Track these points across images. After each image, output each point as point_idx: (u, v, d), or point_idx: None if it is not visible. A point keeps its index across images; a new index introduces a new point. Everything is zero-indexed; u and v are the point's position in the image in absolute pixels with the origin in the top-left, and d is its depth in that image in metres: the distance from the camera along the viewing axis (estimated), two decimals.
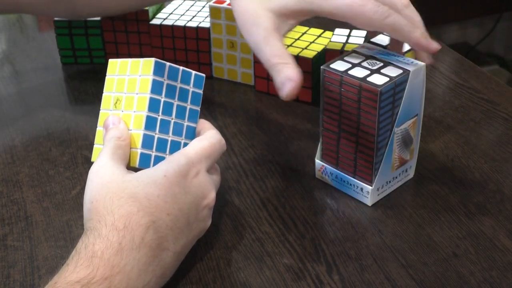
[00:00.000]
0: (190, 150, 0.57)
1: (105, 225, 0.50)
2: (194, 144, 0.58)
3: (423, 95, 0.63)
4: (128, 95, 0.59)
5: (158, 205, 0.52)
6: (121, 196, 0.52)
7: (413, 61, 0.61)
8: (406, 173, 0.66)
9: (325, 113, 0.63)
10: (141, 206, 0.51)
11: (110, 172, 0.54)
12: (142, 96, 0.58)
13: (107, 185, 0.53)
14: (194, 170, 0.56)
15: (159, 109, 0.58)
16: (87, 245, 0.49)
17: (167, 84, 0.59)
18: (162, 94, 0.58)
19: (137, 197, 0.52)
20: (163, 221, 0.52)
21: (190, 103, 0.61)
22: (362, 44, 0.65)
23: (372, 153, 0.61)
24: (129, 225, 0.50)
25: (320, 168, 0.67)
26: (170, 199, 0.53)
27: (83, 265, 0.48)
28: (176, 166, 0.55)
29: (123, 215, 0.51)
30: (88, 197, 0.53)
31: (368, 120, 0.60)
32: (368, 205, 0.64)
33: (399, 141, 0.62)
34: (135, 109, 0.58)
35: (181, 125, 0.60)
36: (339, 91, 0.61)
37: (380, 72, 0.60)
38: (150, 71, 0.57)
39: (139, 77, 0.58)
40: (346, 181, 0.64)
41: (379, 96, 0.58)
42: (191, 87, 0.61)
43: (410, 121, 0.63)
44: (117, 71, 0.60)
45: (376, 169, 0.62)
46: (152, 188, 0.53)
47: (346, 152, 0.63)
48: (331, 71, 0.61)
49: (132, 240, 0.50)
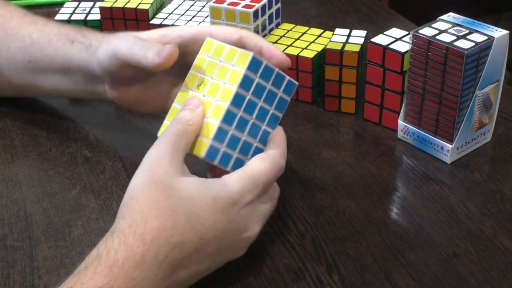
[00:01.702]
0: (248, 175, 0.53)
1: (134, 233, 0.48)
2: (254, 165, 0.54)
3: (505, 62, 0.67)
4: (215, 82, 0.56)
5: (194, 227, 0.50)
6: (162, 206, 0.49)
7: (498, 29, 0.65)
8: (484, 136, 0.70)
9: (410, 75, 0.69)
10: (176, 223, 0.49)
11: (164, 171, 0.51)
12: (228, 88, 0.55)
13: (154, 186, 0.50)
14: (246, 198, 0.53)
15: (242, 105, 0.55)
16: (110, 250, 0.48)
17: (257, 82, 0.56)
18: (250, 92, 0.55)
19: (177, 211, 0.50)
20: (193, 243, 0.50)
21: (275, 108, 0.58)
22: (448, 14, 0.70)
23: (454, 113, 0.65)
24: (157, 240, 0.48)
25: (403, 129, 0.71)
26: (209, 224, 0.51)
27: (102, 273, 0.46)
28: (230, 191, 0.52)
29: (155, 227, 0.49)
30: (132, 190, 0.51)
31: (452, 82, 0.64)
32: (447, 163, 0.68)
33: (480, 104, 0.67)
34: (218, 98, 0.55)
35: (259, 127, 0.57)
36: (426, 54, 0.66)
37: (466, 38, 0.65)
38: (245, 64, 0.55)
39: (232, 67, 0.55)
40: (427, 140, 0.69)
41: (464, 59, 0.62)
42: (280, 92, 0.58)
43: (491, 86, 0.67)
44: (211, 53, 0.57)
45: (457, 129, 0.66)
46: (195, 207, 0.50)
47: (429, 112, 0.68)
48: (420, 35, 0.66)
49: (155, 256, 0.48)
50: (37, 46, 0.71)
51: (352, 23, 1.00)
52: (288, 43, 0.80)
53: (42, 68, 0.72)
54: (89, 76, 0.68)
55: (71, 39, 0.69)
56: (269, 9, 0.82)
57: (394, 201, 0.65)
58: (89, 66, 0.67)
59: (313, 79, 0.79)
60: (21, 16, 0.75)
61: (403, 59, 0.70)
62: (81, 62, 0.68)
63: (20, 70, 0.73)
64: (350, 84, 0.76)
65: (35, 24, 0.73)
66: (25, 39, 0.72)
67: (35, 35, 0.72)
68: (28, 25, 0.73)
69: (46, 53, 0.70)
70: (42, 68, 0.72)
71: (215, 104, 0.55)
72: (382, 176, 0.68)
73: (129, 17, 0.87)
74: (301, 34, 0.83)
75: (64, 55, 0.69)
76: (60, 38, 0.70)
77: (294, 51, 0.78)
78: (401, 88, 0.72)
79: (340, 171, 0.69)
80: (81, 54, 0.67)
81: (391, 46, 0.71)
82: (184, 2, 0.92)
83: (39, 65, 0.72)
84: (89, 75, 0.68)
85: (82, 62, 0.67)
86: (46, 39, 0.71)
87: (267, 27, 0.83)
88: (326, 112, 0.79)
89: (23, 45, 0.72)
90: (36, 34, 0.72)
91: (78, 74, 0.69)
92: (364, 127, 0.76)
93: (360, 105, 0.77)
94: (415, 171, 0.68)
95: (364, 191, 0.66)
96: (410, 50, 0.68)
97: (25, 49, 0.72)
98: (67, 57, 0.69)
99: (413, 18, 1.09)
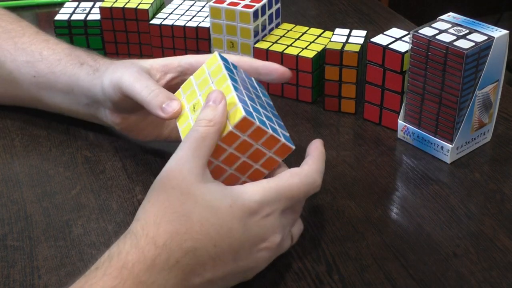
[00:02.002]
0: (272, 187, 0.52)
1: (146, 235, 0.48)
2: (282, 178, 0.53)
3: (505, 62, 0.67)
4: (207, 89, 0.57)
5: (208, 234, 0.49)
6: (176, 211, 0.49)
7: (498, 29, 0.65)
8: (483, 136, 0.70)
9: (410, 75, 0.69)
10: (190, 229, 0.49)
11: (182, 176, 0.50)
12: (222, 77, 0.57)
13: (171, 191, 0.50)
14: (266, 210, 0.52)
15: (240, 88, 0.57)
16: (121, 252, 0.48)
17: (239, 76, 0.59)
18: (239, 83, 0.57)
19: (191, 217, 0.49)
20: (206, 250, 0.49)
21: (263, 95, 0.61)
22: (448, 14, 0.70)
23: (454, 113, 0.65)
24: (169, 244, 0.48)
25: (403, 128, 0.71)
26: (224, 232, 0.50)
27: (112, 274, 0.46)
28: (248, 200, 0.51)
29: (168, 231, 0.48)
30: (150, 193, 0.51)
31: (452, 82, 0.64)
32: (447, 163, 0.68)
33: (480, 104, 0.67)
34: (220, 87, 0.56)
35: (265, 107, 0.58)
36: (426, 54, 0.66)
37: (466, 37, 0.65)
38: (217, 61, 0.58)
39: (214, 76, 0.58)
40: (427, 140, 0.69)
41: (464, 59, 0.62)
42: (255, 83, 0.62)
43: (491, 86, 0.67)
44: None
45: (457, 129, 0.66)
46: (210, 214, 0.50)
47: (428, 112, 0.68)
48: (420, 35, 0.66)
49: (166, 260, 0.48)
50: (46, 63, 0.72)
51: (352, 23, 1.00)
52: (288, 43, 0.80)
53: (47, 85, 0.72)
54: (92, 99, 0.69)
55: (81, 62, 0.70)
56: (269, 9, 0.82)
57: (394, 201, 0.65)
58: (93, 90, 0.68)
59: (313, 79, 0.79)
60: (33, 33, 0.76)
61: (403, 59, 0.70)
62: (86, 84, 0.69)
63: (24, 83, 0.74)
64: (350, 84, 0.76)
65: (47, 42, 0.74)
66: (35, 54, 0.73)
67: (45, 52, 0.73)
68: (40, 42, 0.74)
69: (54, 71, 0.71)
70: (47, 85, 0.72)
71: (222, 89, 0.56)
72: (382, 176, 0.68)
73: (129, 17, 0.87)
74: (301, 34, 0.83)
75: (72, 76, 0.70)
76: (70, 59, 0.71)
77: (294, 51, 0.78)
78: (401, 88, 0.72)
79: (340, 171, 0.69)
80: (87, 77, 0.68)
81: (391, 46, 0.71)
82: (184, 2, 0.92)
83: (44, 81, 0.72)
84: (92, 98, 0.69)
85: (86, 85, 0.68)
86: (57, 58, 0.72)
87: (267, 27, 0.83)
88: (326, 112, 0.79)
89: (31, 60, 0.73)
90: (47, 51, 0.73)
91: (81, 96, 0.70)
92: (364, 127, 0.76)
93: (360, 105, 0.77)
94: (415, 171, 0.68)
95: (364, 191, 0.66)
96: (410, 50, 0.68)
97: (32, 64, 0.73)
98: (74, 78, 0.70)
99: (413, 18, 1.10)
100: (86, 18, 0.89)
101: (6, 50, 0.74)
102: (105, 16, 0.88)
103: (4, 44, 0.75)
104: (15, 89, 0.75)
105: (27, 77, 0.73)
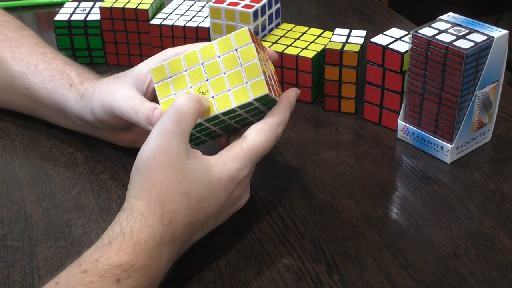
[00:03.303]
0: (245, 151, 0.57)
1: (153, 214, 0.52)
2: (251, 139, 0.58)
3: (505, 62, 0.67)
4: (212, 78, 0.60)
5: (203, 208, 0.55)
6: (176, 190, 0.54)
7: (497, 29, 0.65)
8: (483, 136, 0.70)
9: (410, 75, 0.69)
10: (189, 205, 0.54)
11: (174, 153, 0.54)
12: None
13: (168, 170, 0.54)
14: (243, 173, 0.57)
15: None
16: (133, 229, 0.51)
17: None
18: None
19: (190, 195, 0.54)
20: (200, 221, 0.55)
21: None
22: (447, 14, 0.70)
23: (454, 113, 0.65)
24: (173, 222, 0.53)
25: (402, 128, 0.71)
26: (214, 203, 0.56)
27: (127, 250, 0.50)
28: (231, 170, 0.56)
29: (172, 210, 0.53)
30: (144, 173, 0.54)
31: (452, 82, 0.64)
32: (447, 163, 0.68)
33: (480, 104, 0.67)
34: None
35: None
36: (425, 54, 0.66)
37: (466, 37, 0.65)
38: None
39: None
40: (427, 140, 0.69)
41: (464, 59, 0.62)
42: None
43: (491, 86, 0.67)
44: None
45: (456, 129, 0.66)
46: (204, 190, 0.55)
47: (428, 112, 0.68)
48: (419, 35, 0.66)
49: (171, 236, 0.53)
50: (39, 77, 0.72)
51: (352, 23, 1.00)
52: (288, 43, 0.80)
53: (39, 99, 0.73)
54: (85, 121, 0.70)
55: (70, 83, 0.70)
56: (269, 9, 0.82)
57: (394, 201, 0.65)
58: (83, 115, 0.69)
59: (313, 79, 0.79)
60: (32, 44, 0.76)
61: (402, 59, 0.70)
62: (76, 109, 0.69)
63: (18, 93, 0.74)
64: (350, 84, 0.76)
65: (44, 55, 0.74)
66: (30, 66, 0.73)
67: (40, 66, 0.73)
68: (37, 54, 0.74)
69: (46, 87, 0.72)
70: (39, 99, 0.73)
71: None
72: (382, 176, 0.68)
73: (129, 17, 0.87)
74: (301, 34, 0.83)
75: (62, 97, 0.70)
76: (62, 78, 0.71)
77: (294, 51, 0.78)
78: (400, 88, 0.72)
79: (340, 171, 0.69)
80: (76, 103, 0.69)
81: (390, 46, 0.71)
82: (184, 2, 0.92)
83: (36, 95, 0.72)
84: (84, 121, 0.70)
85: (76, 110, 0.69)
86: (50, 74, 0.72)
87: (267, 27, 0.83)
88: (326, 112, 0.79)
89: (25, 71, 0.73)
90: (42, 65, 0.73)
91: (74, 118, 0.71)
92: (364, 127, 0.76)
93: (360, 105, 0.77)
94: (414, 171, 0.68)
95: (364, 191, 0.66)
96: (409, 50, 0.68)
97: (26, 76, 0.73)
98: (64, 99, 0.70)
99: (413, 18, 1.10)
100: (86, 18, 0.89)
101: (3, 58, 0.75)
102: (105, 16, 0.88)
103: (3, 52, 0.75)
104: (9, 98, 0.76)
105: (20, 88, 0.74)
